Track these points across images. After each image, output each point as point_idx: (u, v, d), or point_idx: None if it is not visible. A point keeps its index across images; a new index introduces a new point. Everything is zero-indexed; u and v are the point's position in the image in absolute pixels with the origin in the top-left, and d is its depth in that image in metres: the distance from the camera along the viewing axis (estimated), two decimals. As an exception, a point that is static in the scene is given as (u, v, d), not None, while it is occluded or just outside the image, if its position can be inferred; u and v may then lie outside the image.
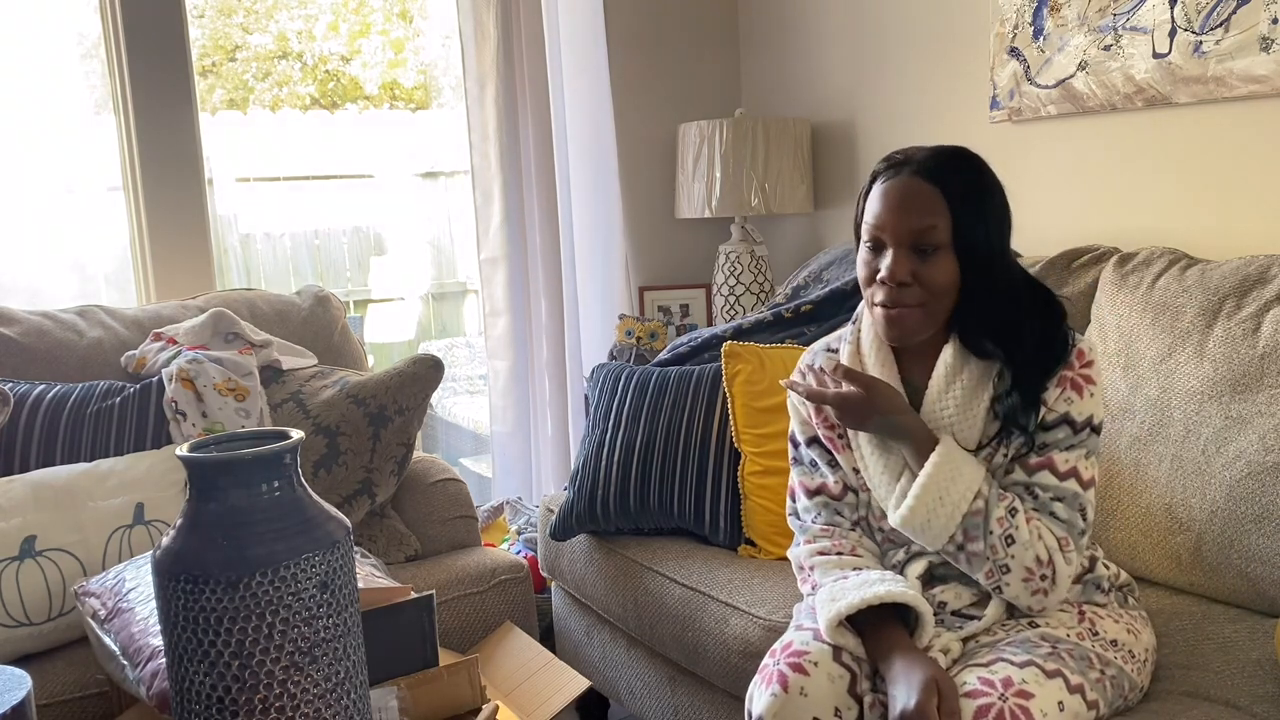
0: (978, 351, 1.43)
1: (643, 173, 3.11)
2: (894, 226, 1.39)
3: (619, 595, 2.07)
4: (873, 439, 1.47)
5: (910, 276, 1.38)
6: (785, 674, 1.33)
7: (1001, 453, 1.42)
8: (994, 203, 1.41)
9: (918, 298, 1.39)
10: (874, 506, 1.51)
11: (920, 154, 1.42)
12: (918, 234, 1.38)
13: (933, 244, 1.38)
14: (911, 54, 2.65)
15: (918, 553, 1.48)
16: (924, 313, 1.40)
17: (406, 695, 1.40)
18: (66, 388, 2.08)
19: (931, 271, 1.38)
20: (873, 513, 1.52)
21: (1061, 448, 1.40)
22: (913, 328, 1.41)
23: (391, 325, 4.05)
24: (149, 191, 2.55)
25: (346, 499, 2.07)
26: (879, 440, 1.46)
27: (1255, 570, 1.58)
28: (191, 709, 1.10)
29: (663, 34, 3.11)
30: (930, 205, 1.38)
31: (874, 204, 1.42)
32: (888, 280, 1.39)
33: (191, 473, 1.12)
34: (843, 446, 1.52)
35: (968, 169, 1.42)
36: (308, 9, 3.89)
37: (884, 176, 1.43)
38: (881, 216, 1.40)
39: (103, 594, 1.56)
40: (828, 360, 1.55)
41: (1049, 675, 1.26)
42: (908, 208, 1.38)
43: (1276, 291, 1.68)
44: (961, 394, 1.42)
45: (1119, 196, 2.21)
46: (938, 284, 1.39)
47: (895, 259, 1.39)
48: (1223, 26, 1.93)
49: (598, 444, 2.15)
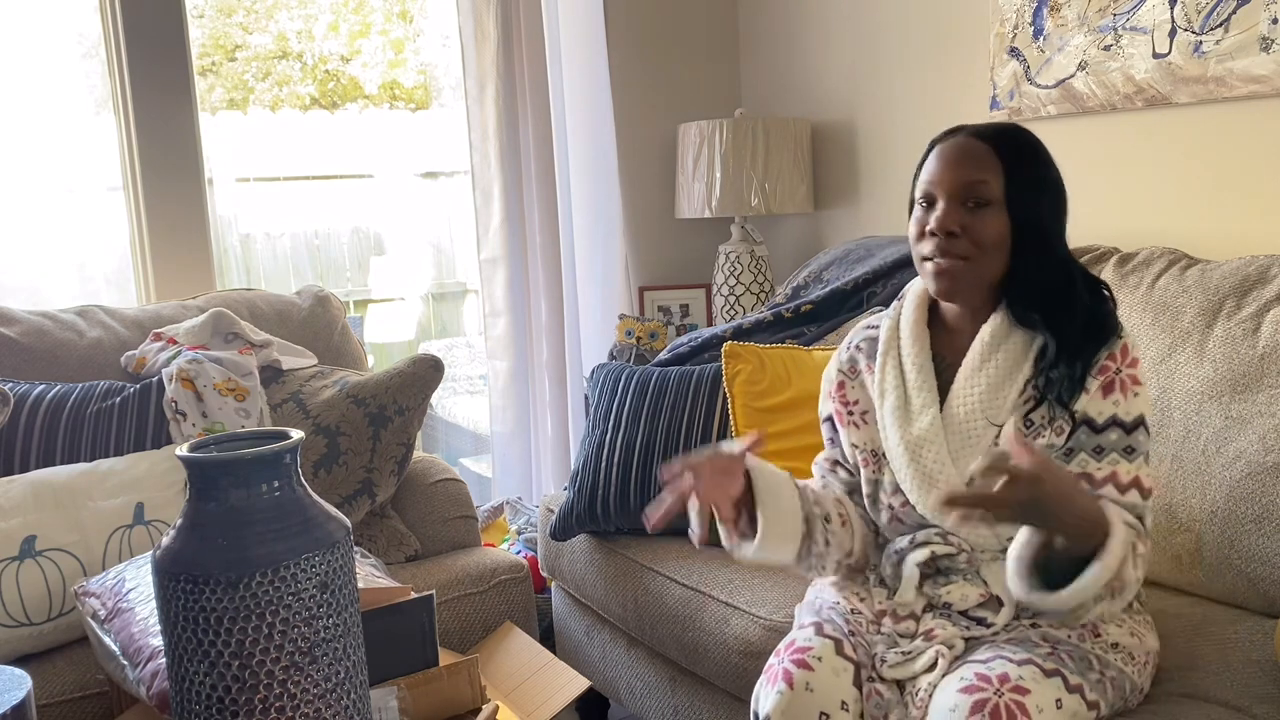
0: (1024, 321, 1.41)
1: (643, 173, 3.11)
2: (946, 179, 1.39)
3: (619, 595, 2.07)
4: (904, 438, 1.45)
5: (959, 227, 1.38)
6: (790, 671, 1.33)
7: (1047, 439, 1.39)
8: (1049, 175, 1.42)
9: (965, 250, 1.38)
10: (885, 482, 1.50)
11: (977, 126, 1.44)
12: (969, 186, 1.38)
13: (984, 198, 1.38)
14: (911, 54, 2.65)
15: (923, 541, 1.45)
16: (971, 267, 1.39)
17: (406, 695, 1.40)
18: (66, 388, 2.08)
19: (981, 225, 1.38)
20: (884, 489, 1.50)
21: (1119, 453, 1.35)
22: (961, 282, 1.40)
23: (391, 325, 4.05)
24: (149, 191, 2.55)
25: (346, 499, 2.07)
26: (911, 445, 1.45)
27: (1255, 570, 1.58)
28: (191, 709, 1.10)
29: (663, 34, 3.11)
30: (983, 161, 1.39)
31: (929, 165, 1.43)
32: (936, 230, 1.39)
33: (191, 473, 1.12)
34: (848, 424, 1.54)
35: (1025, 138, 1.43)
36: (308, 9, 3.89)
37: (941, 142, 1.45)
38: (935, 172, 1.41)
39: (103, 594, 1.56)
40: (867, 340, 1.56)
41: (1047, 674, 1.25)
42: (961, 162, 1.39)
43: (1276, 291, 1.68)
44: (996, 372, 1.41)
45: (1119, 196, 2.21)
46: (986, 238, 1.38)
47: (945, 210, 1.39)
48: (1223, 26, 1.93)
49: (598, 444, 2.15)
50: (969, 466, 1.34)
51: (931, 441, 1.43)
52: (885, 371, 1.50)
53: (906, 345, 1.49)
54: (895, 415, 1.47)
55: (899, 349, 1.51)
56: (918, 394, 1.46)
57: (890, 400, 1.48)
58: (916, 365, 1.48)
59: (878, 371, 1.52)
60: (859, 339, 1.58)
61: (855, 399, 1.55)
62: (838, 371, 1.59)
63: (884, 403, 1.49)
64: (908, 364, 1.49)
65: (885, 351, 1.51)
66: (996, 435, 1.41)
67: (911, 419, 1.46)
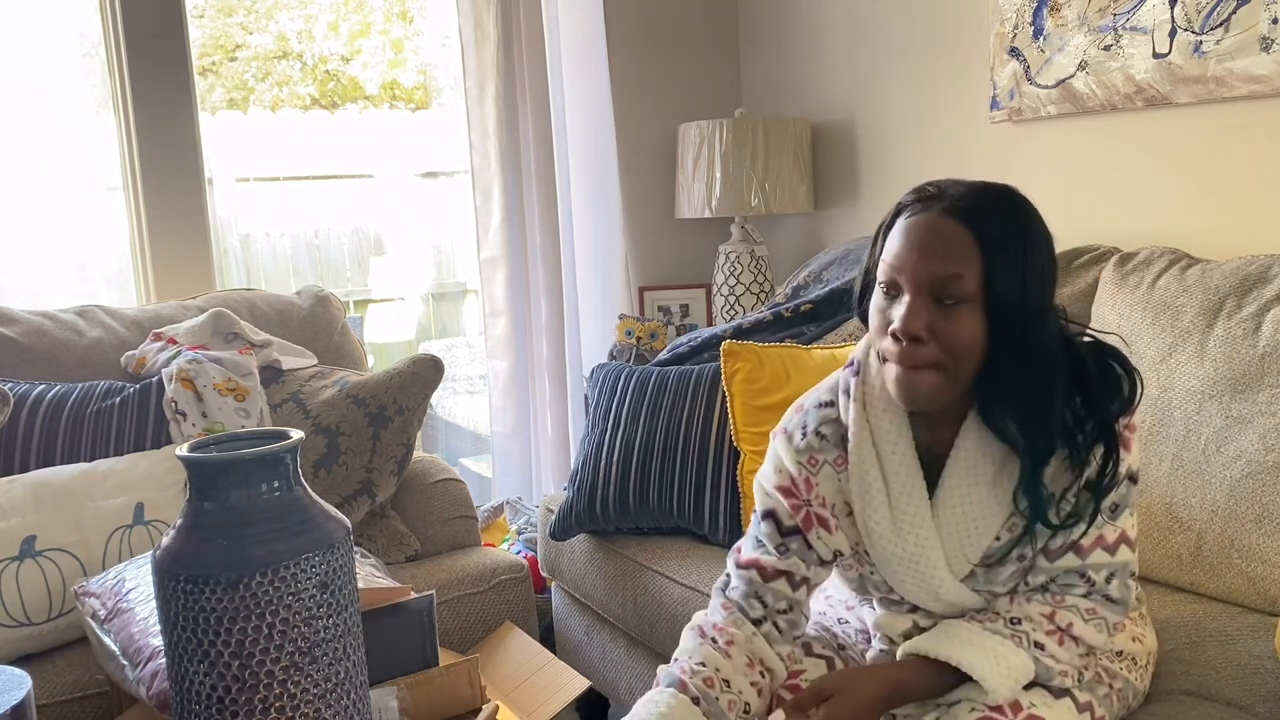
0: (999, 432, 1.22)
1: (643, 173, 3.11)
2: (913, 269, 1.18)
3: (619, 595, 2.07)
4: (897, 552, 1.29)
5: (927, 331, 1.17)
6: (783, 697, 1.32)
7: (1031, 548, 1.27)
8: (1036, 255, 1.20)
9: (932, 358, 1.18)
10: (876, 581, 1.35)
11: (956, 189, 1.21)
12: (940, 282, 1.17)
13: (957, 296, 1.17)
14: (911, 54, 2.65)
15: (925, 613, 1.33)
16: (940, 375, 1.19)
17: (406, 695, 1.40)
18: (66, 388, 2.08)
19: (953, 327, 1.17)
20: (873, 584, 1.36)
21: (1104, 515, 1.25)
22: (926, 394, 1.20)
23: (391, 325, 4.05)
24: (149, 191, 2.55)
25: (346, 499, 2.07)
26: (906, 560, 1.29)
27: (1256, 569, 1.58)
28: (191, 709, 1.10)
29: (663, 34, 3.11)
30: (958, 250, 1.17)
31: (894, 241, 1.21)
32: (900, 334, 1.18)
33: (191, 473, 1.12)
34: (835, 528, 1.34)
35: (1010, 212, 1.20)
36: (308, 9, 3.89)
37: (909, 210, 1.22)
38: (901, 256, 1.19)
39: (103, 594, 1.56)
40: (826, 423, 1.35)
41: (1056, 695, 1.24)
42: (932, 249, 1.17)
43: (1277, 291, 1.68)
44: (990, 475, 1.25)
45: (1119, 196, 2.21)
46: (959, 343, 1.18)
47: (911, 308, 1.17)
48: (1223, 26, 1.93)
49: (597, 444, 2.15)
50: (960, 572, 1.29)
51: (927, 554, 1.28)
52: (864, 471, 1.30)
53: (886, 441, 1.29)
54: (882, 525, 1.29)
55: (875, 443, 1.30)
56: (907, 501, 1.28)
57: (875, 506, 1.29)
58: (904, 467, 1.28)
59: (854, 470, 1.31)
60: (814, 423, 1.35)
61: (824, 496, 1.34)
62: (797, 465, 1.35)
63: (867, 508, 1.30)
64: (891, 464, 1.29)
65: (859, 446, 1.30)
66: (994, 536, 1.27)
67: (902, 532, 1.28)
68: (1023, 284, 1.18)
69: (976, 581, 1.30)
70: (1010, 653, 1.22)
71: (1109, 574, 1.27)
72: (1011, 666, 1.21)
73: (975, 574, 1.30)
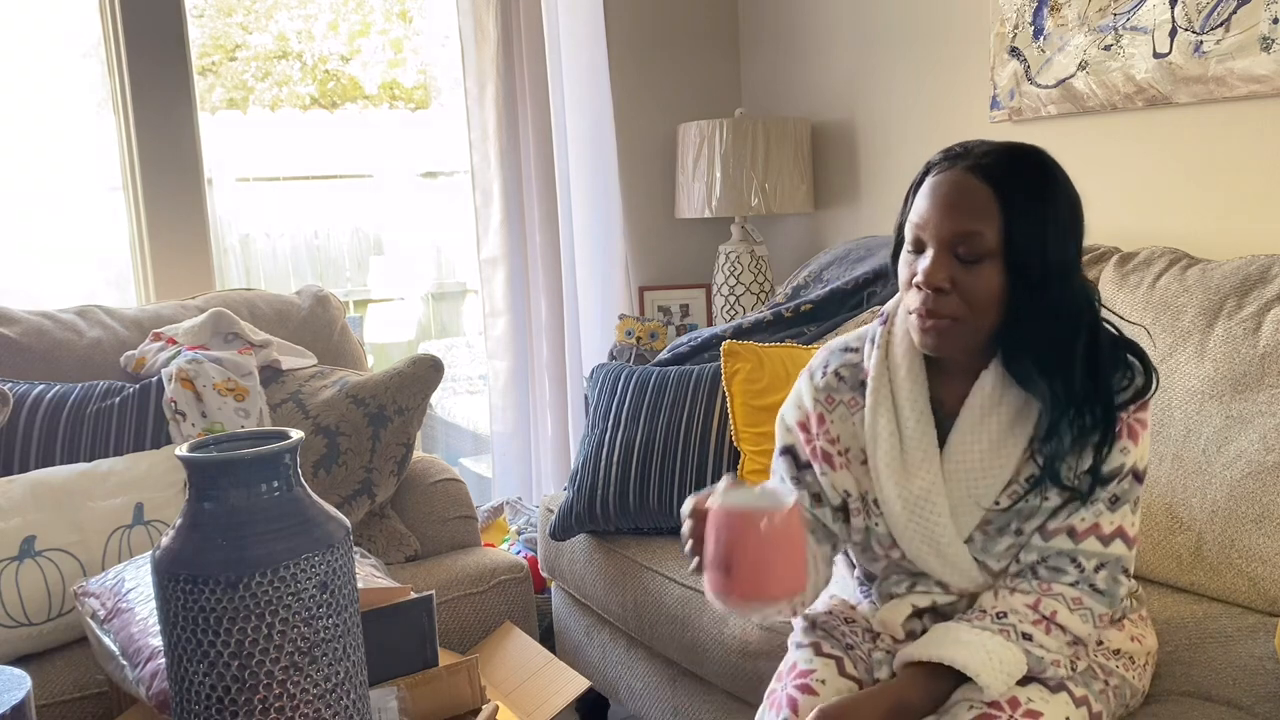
0: (1022, 380, 1.26)
1: (643, 173, 3.11)
2: (936, 225, 1.23)
3: (619, 595, 2.07)
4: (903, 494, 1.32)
5: (949, 283, 1.23)
6: (795, 697, 1.31)
7: (1041, 497, 1.29)
8: (1058, 213, 1.24)
9: (954, 309, 1.23)
10: (880, 534, 1.37)
11: (981, 148, 1.26)
12: (961, 238, 1.22)
13: (978, 251, 1.22)
14: (912, 54, 2.65)
15: (924, 590, 1.36)
16: (960, 327, 1.25)
17: (406, 695, 1.40)
18: (66, 388, 2.08)
19: (973, 281, 1.22)
20: (877, 539, 1.38)
21: (1103, 503, 1.27)
22: (948, 341, 1.26)
23: (391, 325, 4.05)
24: (149, 191, 2.55)
25: (346, 499, 2.07)
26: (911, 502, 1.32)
27: (1256, 569, 1.57)
28: (191, 709, 1.10)
29: (663, 34, 3.11)
30: (979, 207, 1.22)
31: (921, 199, 1.27)
32: (923, 284, 1.24)
33: (191, 473, 1.12)
34: (840, 465, 1.39)
35: (1033, 170, 1.25)
36: (308, 9, 3.89)
37: (936, 169, 1.27)
38: (924, 213, 1.25)
39: (102, 594, 1.56)
40: (847, 367, 1.39)
41: (1053, 690, 1.24)
42: (954, 206, 1.23)
43: (1277, 291, 1.68)
44: (997, 431, 1.29)
45: (1119, 196, 2.21)
46: (978, 297, 1.23)
47: (934, 262, 1.23)
48: (1223, 26, 1.93)
49: (597, 444, 2.15)
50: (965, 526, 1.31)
51: (932, 499, 1.31)
52: (878, 415, 1.34)
53: (902, 388, 1.33)
54: (891, 467, 1.33)
55: (892, 390, 1.35)
56: (916, 446, 1.32)
57: (885, 449, 1.33)
58: (915, 413, 1.33)
59: (869, 414, 1.35)
60: (836, 363, 1.40)
61: (837, 435, 1.38)
62: (814, 401, 1.40)
63: (877, 450, 1.34)
64: (904, 410, 1.33)
65: (876, 390, 1.35)
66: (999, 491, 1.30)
67: (910, 473, 1.32)
68: (1042, 242, 1.22)
69: (975, 548, 1.32)
70: (1000, 646, 1.24)
71: (1099, 564, 1.28)
72: (1003, 660, 1.23)
73: (974, 539, 1.32)
